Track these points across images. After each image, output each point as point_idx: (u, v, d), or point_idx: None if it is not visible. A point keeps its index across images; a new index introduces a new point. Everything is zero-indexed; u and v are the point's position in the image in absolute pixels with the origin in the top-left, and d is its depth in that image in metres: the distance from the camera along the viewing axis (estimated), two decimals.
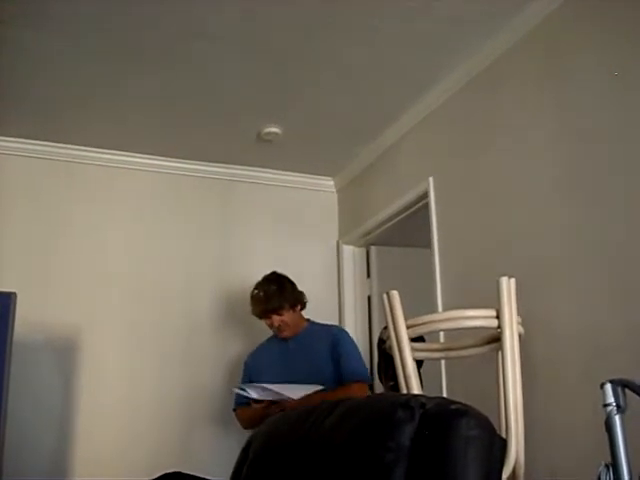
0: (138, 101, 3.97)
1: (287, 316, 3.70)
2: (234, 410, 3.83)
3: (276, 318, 3.69)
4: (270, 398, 3.42)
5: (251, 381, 3.65)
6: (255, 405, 3.50)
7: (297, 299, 3.77)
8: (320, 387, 3.41)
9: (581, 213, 2.86)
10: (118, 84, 3.78)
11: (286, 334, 3.73)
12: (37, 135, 4.31)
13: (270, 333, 3.90)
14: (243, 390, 3.51)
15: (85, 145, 4.46)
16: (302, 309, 3.81)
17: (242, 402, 3.74)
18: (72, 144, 4.43)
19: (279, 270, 3.86)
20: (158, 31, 3.31)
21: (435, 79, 3.78)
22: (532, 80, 3.23)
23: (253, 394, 3.45)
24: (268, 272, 3.85)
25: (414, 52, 3.52)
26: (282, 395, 3.35)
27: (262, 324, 3.89)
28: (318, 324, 3.86)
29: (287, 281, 3.78)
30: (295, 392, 3.33)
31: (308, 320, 3.85)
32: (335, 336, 3.72)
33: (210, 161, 4.77)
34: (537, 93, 3.18)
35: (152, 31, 3.31)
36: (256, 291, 3.76)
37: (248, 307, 3.84)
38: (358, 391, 3.42)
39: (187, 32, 3.33)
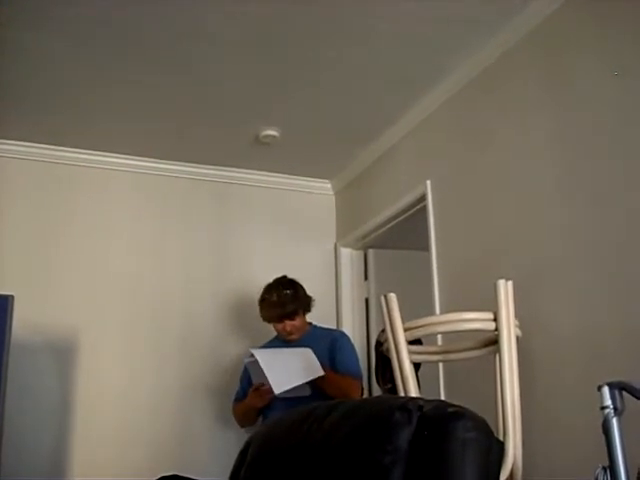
0: (136, 103, 3.97)
1: (298, 321, 3.73)
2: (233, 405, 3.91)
3: (288, 323, 3.71)
4: (261, 381, 3.48)
5: (250, 382, 3.66)
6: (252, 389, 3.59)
7: (308, 304, 3.81)
8: (310, 351, 3.51)
9: (579, 215, 2.87)
10: (117, 86, 3.78)
11: (294, 337, 3.74)
12: (36, 137, 4.31)
13: (270, 334, 3.90)
14: (252, 356, 3.54)
15: (83, 147, 4.46)
16: (307, 313, 3.84)
17: (238, 398, 3.83)
18: (70, 146, 4.43)
19: (277, 273, 3.87)
20: (157, 33, 3.31)
21: (433, 81, 3.79)
22: (531, 81, 3.23)
23: (257, 355, 3.48)
24: (277, 276, 3.85)
25: (413, 54, 3.53)
26: (268, 383, 3.40)
27: (261, 326, 3.90)
28: (321, 328, 3.90)
29: (299, 285, 3.81)
30: (281, 384, 3.37)
31: (310, 323, 3.87)
32: (335, 338, 3.77)
33: (208, 164, 4.77)
34: (536, 94, 3.18)
35: (151, 33, 3.31)
36: (268, 295, 3.75)
37: (246, 309, 3.84)
38: (351, 384, 3.50)
39: (186, 34, 3.33)
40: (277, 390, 3.36)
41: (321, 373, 3.44)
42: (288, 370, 3.43)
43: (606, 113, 2.79)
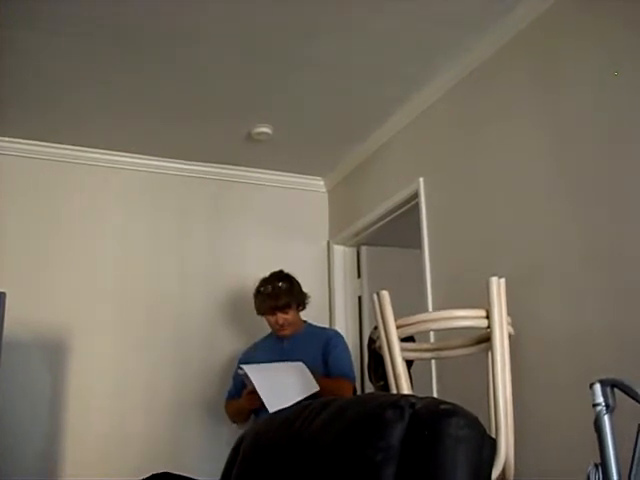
0: (131, 101, 3.96)
1: (291, 315, 3.73)
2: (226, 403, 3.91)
3: (281, 316, 3.71)
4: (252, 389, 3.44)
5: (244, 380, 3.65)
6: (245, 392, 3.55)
7: (303, 300, 3.82)
8: (303, 366, 3.47)
9: (572, 213, 2.87)
10: (111, 84, 3.77)
11: (286, 332, 3.74)
12: (30, 135, 4.30)
13: (263, 332, 3.91)
14: (241, 369, 3.52)
15: (78, 145, 4.45)
16: (302, 310, 3.83)
17: (231, 395, 3.83)
18: (65, 144, 4.42)
19: (270, 270, 3.87)
20: (152, 31, 3.31)
21: (426, 79, 3.78)
22: (525, 79, 3.22)
23: (248, 373, 3.44)
24: (272, 270, 3.86)
25: (405, 52, 3.52)
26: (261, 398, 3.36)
27: (254, 324, 3.90)
28: (315, 326, 3.90)
29: (295, 280, 3.83)
30: (275, 403, 3.19)
31: (305, 322, 3.87)
32: (329, 338, 3.76)
33: (201, 161, 4.76)
34: (531, 92, 3.18)
35: (146, 31, 3.31)
36: (263, 287, 3.77)
37: (240, 306, 3.82)
38: (344, 386, 3.49)
39: (180, 33, 3.33)
40: (271, 409, 3.21)
41: (316, 389, 3.37)
42: (282, 388, 3.37)
43: (602, 112, 2.79)
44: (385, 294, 2.76)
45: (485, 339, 2.69)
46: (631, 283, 2.55)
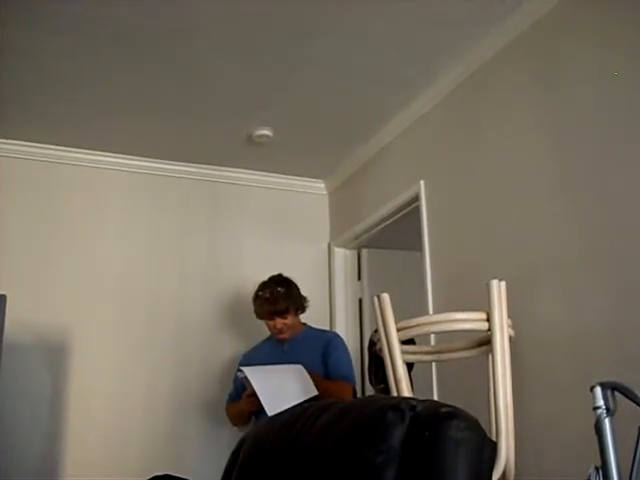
0: (131, 102, 3.96)
1: (290, 319, 3.72)
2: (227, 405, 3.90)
3: (279, 321, 3.70)
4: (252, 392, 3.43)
5: (244, 383, 3.64)
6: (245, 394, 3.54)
7: (302, 304, 3.81)
8: (303, 369, 3.45)
9: (573, 216, 2.86)
10: (111, 85, 3.77)
11: (285, 336, 3.74)
12: (27, 136, 4.30)
13: (263, 334, 3.90)
14: (241, 372, 3.52)
15: (77, 146, 4.45)
16: (301, 313, 3.83)
17: (232, 398, 3.83)
18: (64, 145, 4.42)
19: (271, 273, 3.86)
20: (152, 31, 3.30)
21: (427, 81, 3.78)
22: (526, 82, 3.22)
23: (248, 375, 3.43)
24: (272, 273, 3.86)
25: (406, 54, 3.52)
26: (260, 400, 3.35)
27: (254, 326, 3.89)
28: (315, 329, 3.90)
29: (294, 284, 3.81)
30: (275, 406, 3.13)
31: (304, 324, 3.86)
32: (329, 340, 3.76)
33: (201, 163, 4.76)
34: (531, 95, 3.18)
35: (146, 31, 3.30)
36: (261, 292, 3.76)
37: (240, 309, 3.81)
38: (343, 389, 3.49)
39: (181, 34, 3.33)
40: (270, 412, 3.19)
41: (314, 393, 3.36)
42: (281, 391, 3.36)
43: (602, 112, 2.79)
44: (386, 297, 2.76)
45: (486, 342, 2.69)
46: (631, 283, 2.55)
